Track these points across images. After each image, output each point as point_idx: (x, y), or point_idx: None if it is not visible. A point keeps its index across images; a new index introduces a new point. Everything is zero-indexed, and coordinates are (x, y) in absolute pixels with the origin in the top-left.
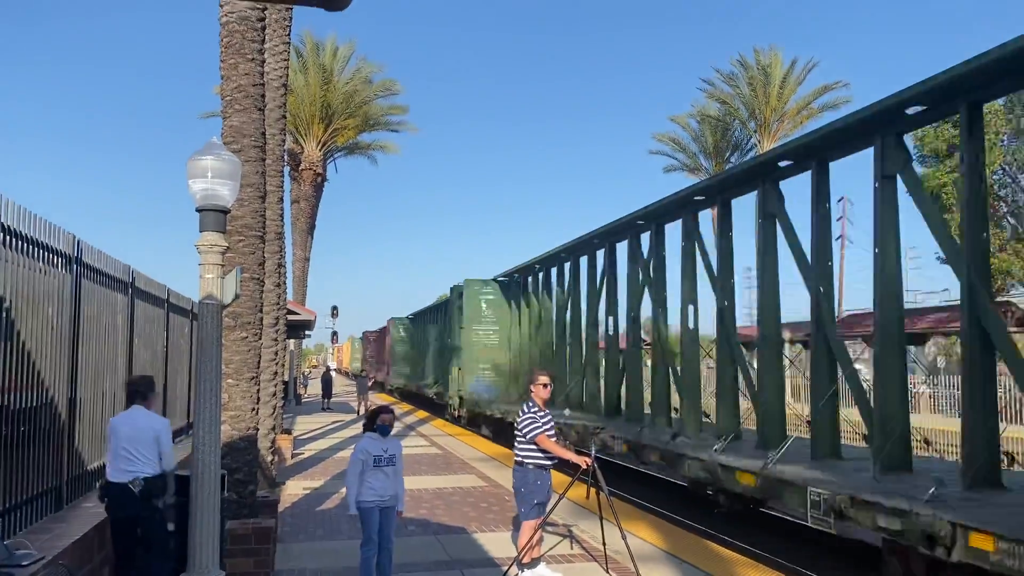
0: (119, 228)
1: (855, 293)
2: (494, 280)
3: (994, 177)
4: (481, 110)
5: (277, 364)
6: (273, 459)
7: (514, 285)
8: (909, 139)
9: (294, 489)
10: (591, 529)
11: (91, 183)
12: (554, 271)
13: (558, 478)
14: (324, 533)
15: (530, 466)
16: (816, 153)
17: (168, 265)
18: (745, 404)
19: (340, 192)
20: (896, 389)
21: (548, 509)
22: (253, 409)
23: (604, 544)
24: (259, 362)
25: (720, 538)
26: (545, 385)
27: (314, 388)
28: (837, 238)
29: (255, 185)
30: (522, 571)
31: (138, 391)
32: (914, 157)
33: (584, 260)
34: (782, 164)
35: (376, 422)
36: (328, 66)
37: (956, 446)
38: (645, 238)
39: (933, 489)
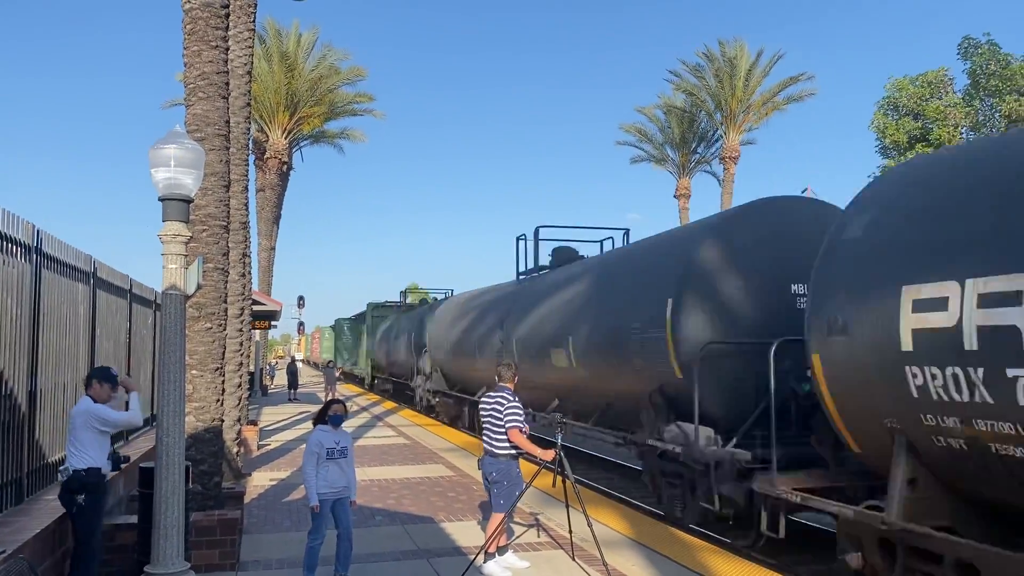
0: (80, 220)
1: None
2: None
3: None
4: (451, 101)
5: (242, 355)
6: (239, 450)
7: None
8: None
9: (260, 480)
10: (557, 517)
11: (52, 175)
12: None
13: (524, 467)
14: (291, 524)
15: (508, 458)
16: None
17: (133, 257)
18: None
19: (309, 182)
20: None
21: (515, 498)
22: (218, 400)
23: (570, 532)
24: (224, 353)
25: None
26: (515, 376)
27: (281, 379)
28: None
29: (219, 174)
30: (486, 562)
31: (87, 381)
32: (876, 149)
33: None
34: None
35: (328, 413)
36: (293, 53)
37: None
38: None
39: None
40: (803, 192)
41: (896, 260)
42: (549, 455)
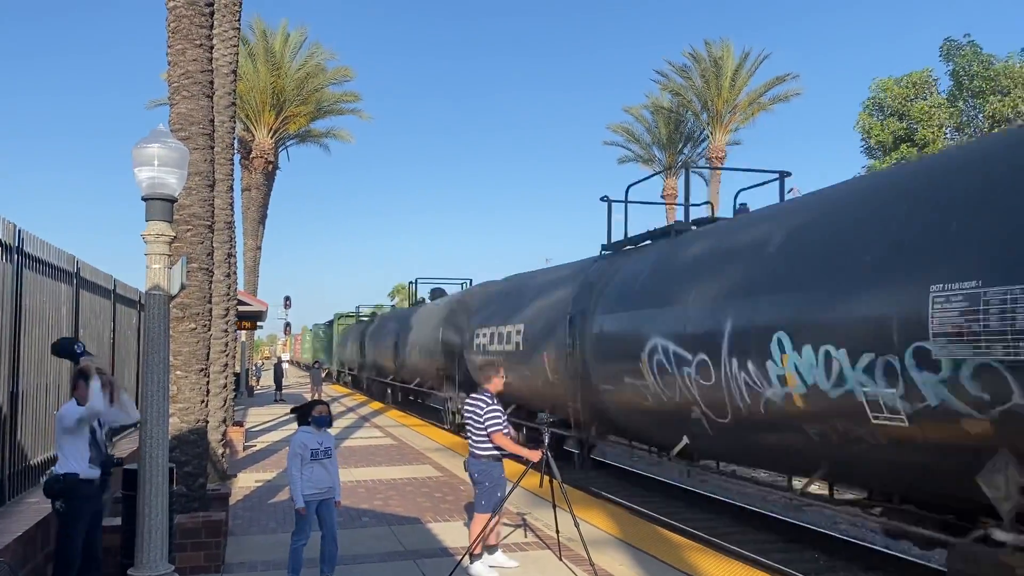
0: (63, 221)
1: None
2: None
3: None
4: (438, 101)
5: (228, 355)
6: (224, 451)
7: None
8: (855, 131)
9: (246, 481)
10: (544, 517)
11: (34, 173)
12: None
13: (511, 467)
14: (276, 525)
15: (493, 459)
16: None
17: (121, 258)
18: None
19: (295, 182)
20: None
21: (503, 498)
22: (203, 401)
23: (557, 531)
24: (208, 353)
25: (671, 524)
26: (501, 377)
27: (267, 380)
28: None
29: (203, 173)
30: (472, 562)
31: (72, 383)
32: (861, 149)
33: None
34: None
35: (312, 414)
36: (279, 52)
37: None
38: None
39: None
40: (788, 192)
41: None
42: (536, 455)
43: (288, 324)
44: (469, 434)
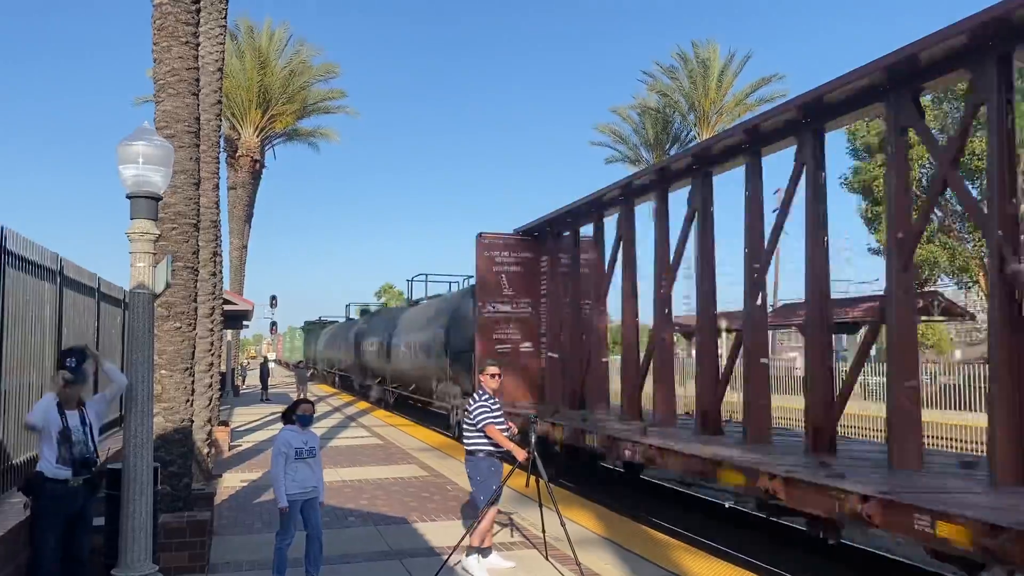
0: (50, 218)
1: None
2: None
3: (921, 171)
4: (425, 100)
5: (213, 355)
6: (210, 451)
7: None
8: (840, 135)
9: (231, 481)
10: (531, 516)
11: (17, 171)
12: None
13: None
14: (262, 525)
15: (481, 454)
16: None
17: (103, 257)
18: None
19: (282, 182)
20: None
21: (493, 498)
22: (187, 400)
23: (544, 531)
24: (194, 353)
25: (657, 523)
26: (493, 375)
27: (253, 379)
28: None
29: (189, 171)
30: (468, 556)
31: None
32: (847, 151)
33: None
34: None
35: (296, 412)
36: (265, 49)
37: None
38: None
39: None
40: (774, 193)
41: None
42: (522, 455)
43: (274, 323)
44: (463, 432)
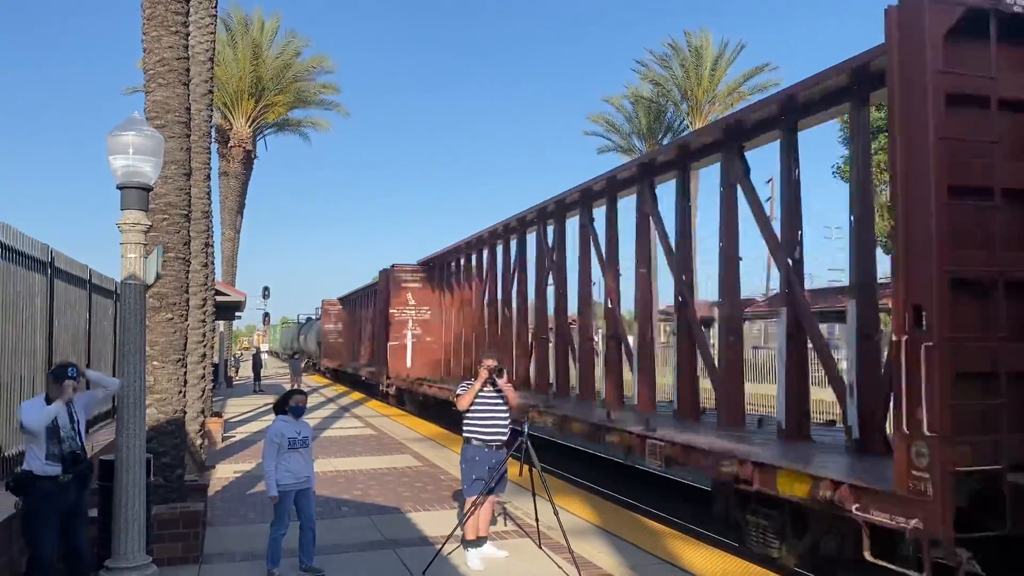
0: (39, 212)
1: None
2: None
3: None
4: (419, 90)
5: (205, 346)
6: (203, 442)
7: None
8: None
9: (224, 472)
10: (524, 505)
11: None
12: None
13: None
14: (255, 516)
15: (474, 442)
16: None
17: (98, 248)
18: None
19: (274, 171)
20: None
21: (483, 487)
22: (180, 392)
23: (537, 520)
24: (186, 344)
25: (650, 511)
26: (488, 368)
27: (246, 370)
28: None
29: (180, 162)
30: (467, 549)
31: None
32: (839, 139)
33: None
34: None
35: (289, 403)
36: (257, 40)
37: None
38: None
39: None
40: (767, 182)
41: None
42: (482, 375)
43: (267, 314)
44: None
